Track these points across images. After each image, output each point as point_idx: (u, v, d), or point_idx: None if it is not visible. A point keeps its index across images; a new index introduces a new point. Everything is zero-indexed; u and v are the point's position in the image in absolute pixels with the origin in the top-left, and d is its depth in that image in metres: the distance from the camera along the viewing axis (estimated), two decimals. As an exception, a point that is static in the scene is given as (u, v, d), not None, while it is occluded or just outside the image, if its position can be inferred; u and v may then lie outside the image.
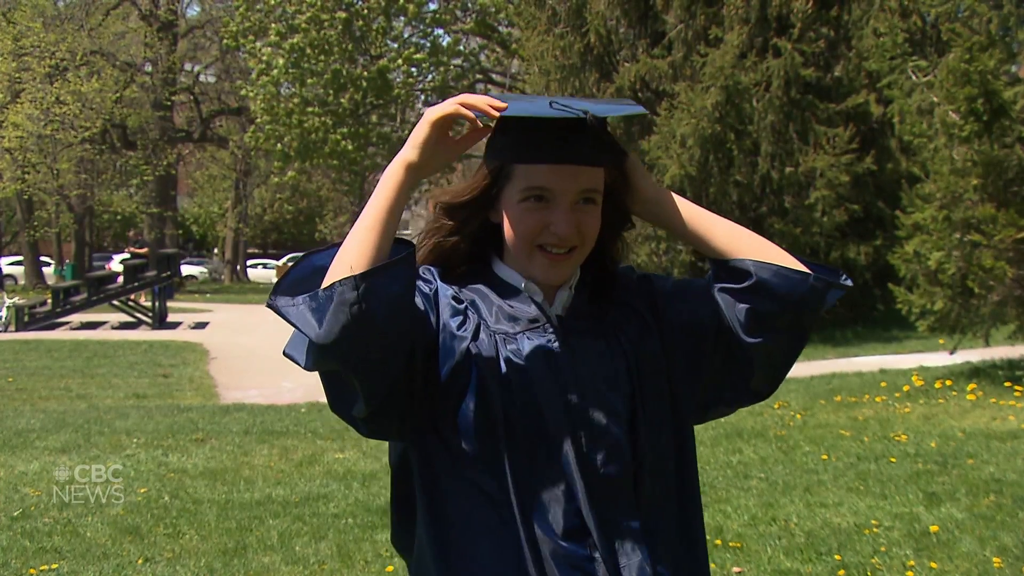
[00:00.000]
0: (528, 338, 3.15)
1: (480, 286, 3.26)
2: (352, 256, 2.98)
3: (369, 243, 3.02)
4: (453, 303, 3.21)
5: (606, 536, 3.06)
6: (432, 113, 3.01)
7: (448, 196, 3.33)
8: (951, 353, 20.22)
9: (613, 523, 3.08)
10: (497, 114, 2.95)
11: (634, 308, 3.34)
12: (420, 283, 3.21)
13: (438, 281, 3.26)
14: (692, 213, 3.44)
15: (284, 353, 3.28)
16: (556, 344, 3.16)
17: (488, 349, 3.13)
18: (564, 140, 3.16)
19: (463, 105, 2.98)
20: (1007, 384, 18.08)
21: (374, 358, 3.01)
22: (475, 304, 3.22)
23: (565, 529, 3.05)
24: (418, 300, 3.16)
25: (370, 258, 2.97)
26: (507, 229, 3.22)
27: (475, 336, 3.14)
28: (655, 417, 3.25)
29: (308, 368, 3.14)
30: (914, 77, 20.67)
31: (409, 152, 3.02)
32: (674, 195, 3.46)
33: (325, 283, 2.96)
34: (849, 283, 3.55)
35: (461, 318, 3.18)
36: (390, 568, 10.21)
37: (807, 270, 3.46)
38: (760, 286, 3.38)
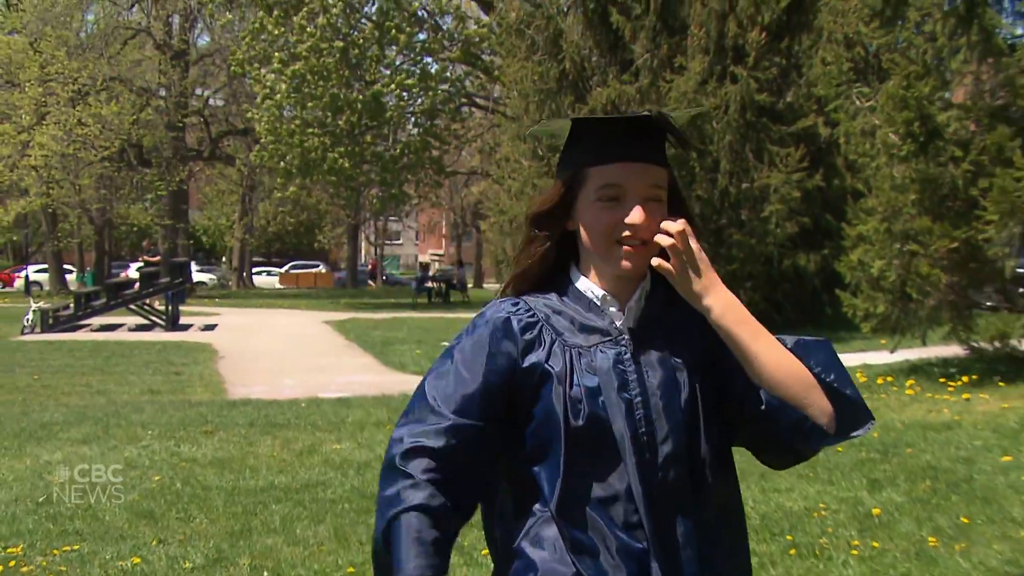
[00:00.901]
0: (601, 351, 3.13)
1: (554, 299, 3.25)
2: None
3: None
4: (525, 334, 3.19)
5: (661, 535, 3.05)
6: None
7: (535, 207, 3.31)
8: (891, 352, 20.25)
9: (669, 524, 3.07)
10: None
11: (699, 323, 3.22)
12: (488, 343, 3.20)
13: (508, 313, 3.23)
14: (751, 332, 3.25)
15: None
16: (628, 355, 3.13)
17: (562, 364, 3.11)
18: (631, 140, 3.16)
19: None
20: (941, 380, 18.13)
21: None
22: (549, 320, 3.20)
23: (623, 523, 3.04)
24: (498, 364, 3.16)
25: None
26: (584, 232, 3.20)
27: (549, 356, 3.13)
28: (711, 426, 3.22)
29: None
30: (858, 102, 20.74)
31: None
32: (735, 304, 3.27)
33: None
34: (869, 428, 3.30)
35: (535, 345, 3.17)
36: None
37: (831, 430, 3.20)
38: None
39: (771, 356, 3.20)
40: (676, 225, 3.12)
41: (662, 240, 3.13)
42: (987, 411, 15.75)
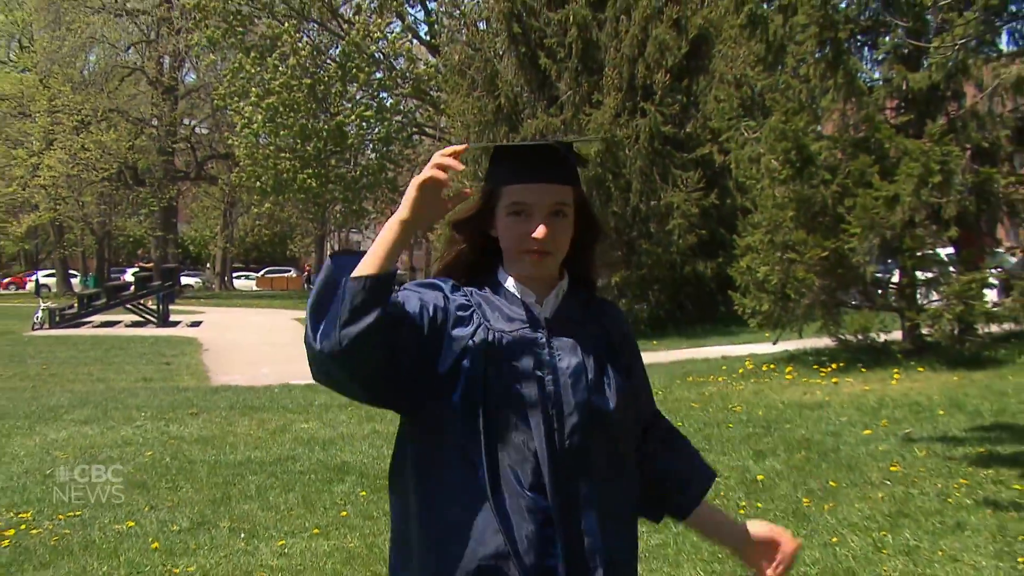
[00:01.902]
0: (519, 334, 3.17)
1: (488, 292, 3.26)
2: (361, 266, 2.97)
3: (377, 263, 2.97)
4: (459, 311, 3.19)
5: (563, 496, 3.06)
6: (417, 179, 2.98)
7: (456, 215, 3.34)
8: (774, 344, 20.35)
9: (572, 487, 3.09)
10: (461, 167, 3.05)
11: (609, 330, 3.34)
12: (430, 291, 3.23)
13: (448, 290, 3.25)
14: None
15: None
16: (543, 340, 3.17)
17: (484, 345, 3.13)
18: (537, 164, 3.19)
19: (437, 167, 2.97)
20: (815, 367, 18.27)
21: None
22: (480, 307, 3.22)
23: (530, 484, 3.05)
24: (421, 301, 3.17)
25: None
26: (501, 242, 3.24)
27: (474, 335, 3.14)
28: (605, 412, 3.21)
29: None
30: (745, 134, 20.88)
31: (402, 211, 3.00)
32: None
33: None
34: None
35: (466, 321, 3.18)
36: (344, 513, 10.23)
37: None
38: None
39: None
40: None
41: None
42: (851, 392, 15.86)
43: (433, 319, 3.16)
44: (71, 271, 79.65)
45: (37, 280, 75.91)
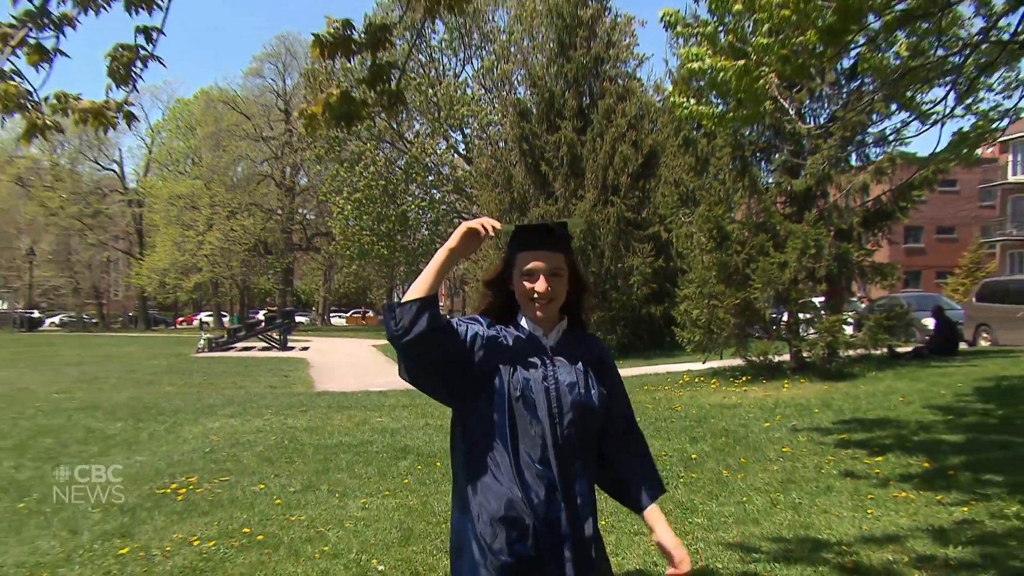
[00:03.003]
0: (532, 358, 3.30)
1: (512, 329, 3.36)
2: (412, 292, 3.17)
3: (424, 289, 3.17)
4: (491, 339, 3.32)
5: (563, 468, 3.22)
6: (467, 224, 3.19)
7: (486, 276, 3.51)
8: (703, 363, 20.33)
9: (570, 462, 3.24)
10: (493, 230, 3.21)
11: (593, 357, 3.44)
12: (474, 324, 3.36)
13: (484, 326, 3.36)
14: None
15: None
16: (548, 361, 3.31)
17: (510, 363, 3.27)
18: (541, 240, 3.34)
19: (482, 224, 3.17)
20: (731, 379, 18.15)
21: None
22: (507, 338, 3.33)
23: (539, 459, 3.20)
24: (465, 326, 3.34)
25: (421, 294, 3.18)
26: (517, 294, 3.36)
27: (501, 356, 3.27)
28: (596, 420, 3.35)
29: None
30: (682, 218, 21.00)
31: (452, 241, 3.17)
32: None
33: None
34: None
35: (498, 348, 3.30)
36: (406, 481, 10.19)
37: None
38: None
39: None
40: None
41: None
42: (755, 397, 15.78)
43: (474, 340, 3.31)
44: (222, 312, 79.91)
45: (200, 319, 76.33)
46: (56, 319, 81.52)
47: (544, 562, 3.18)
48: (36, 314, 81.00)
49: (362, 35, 5.98)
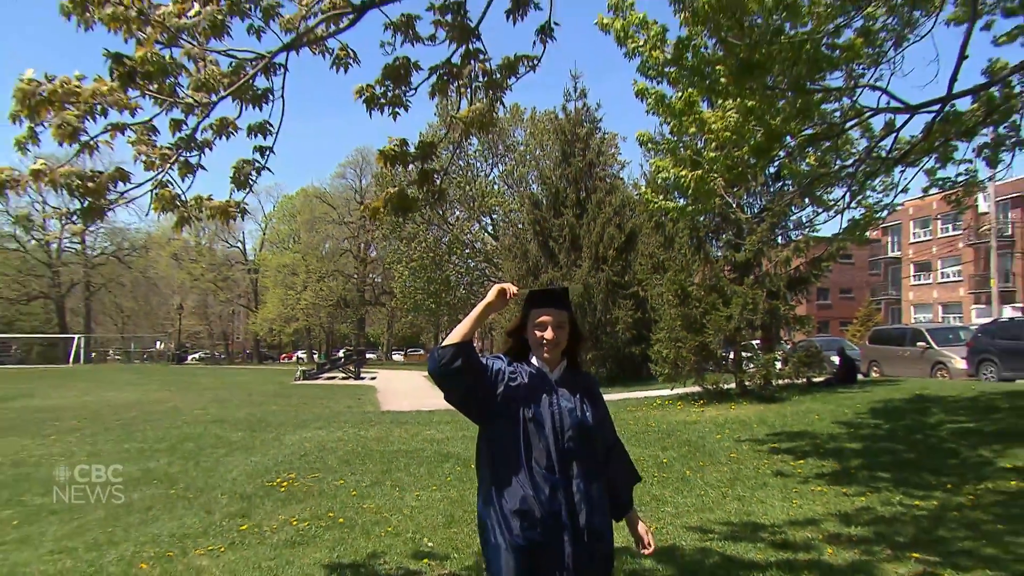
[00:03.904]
0: (541, 389, 3.32)
1: (525, 365, 3.39)
2: (452, 338, 3.24)
3: (462, 335, 3.23)
4: (511, 373, 3.35)
5: (565, 475, 3.22)
6: (498, 285, 3.25)
7: (508, 327, 3.52)
8: (671, 390, 20.13)
9: (570, 469, 3.24)
10: (515, 292, 3.30)
11: (587, 388, 3.45)
12: (499, 360, 3.41)
13: (505, 363, 3.39)
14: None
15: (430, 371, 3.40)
16: (553, 391, 3.33)
17: (525, 393, 3.29)
18: (549, 300, 3.41)
19: (507, 287, 3.25)
20: (692, 403, 17.94)
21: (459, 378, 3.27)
22: (522, 374, 3.35)
23: (546, 466, 3.21)
24: (492, 363, 3.38)
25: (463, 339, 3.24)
26: (530, 340, 3.41)
27: (519, 388, 3.30)
28: (592, 440, 3.37)
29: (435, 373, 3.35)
30: (655, 282, 20.95)
31: (488, 298, 3.23)
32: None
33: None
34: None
35: (515, 380, 3.32)
36: (449, 479, 10.15)
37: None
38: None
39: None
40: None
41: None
42: (710, 416, 15.66)
43: (498, 374, 3.35)
44: (313, 351, 79.80)
45: (297, 356, 76.37)
46: (197, 355, 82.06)
47: (549, 544, 3.18)
48: (182, 352, 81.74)
49: (415, 149, 6.09)
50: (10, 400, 23.75)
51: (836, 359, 20.97)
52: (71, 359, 62.44)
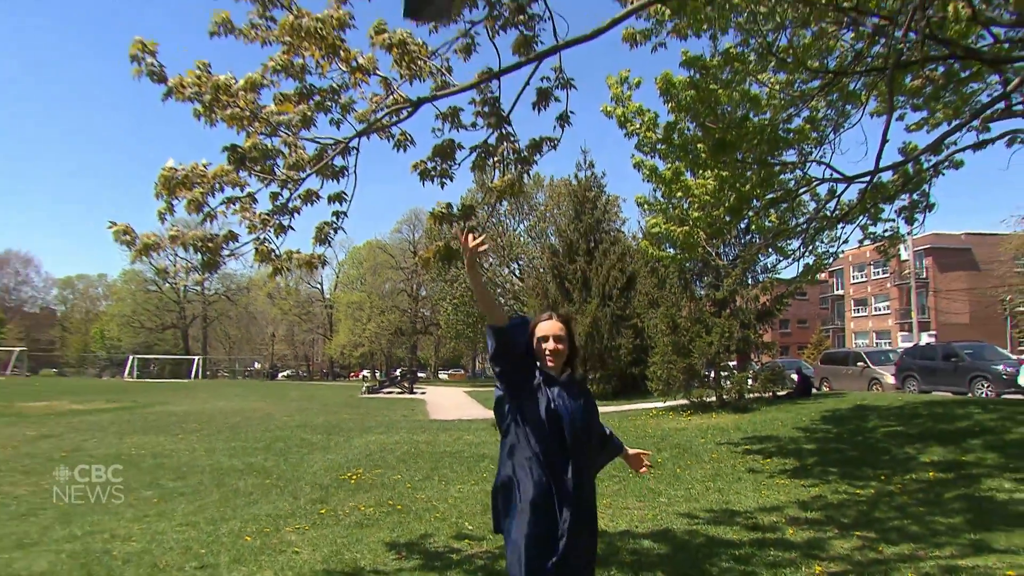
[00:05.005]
0: (554, 390, 3.13)
1: (539, 372, 3.21)
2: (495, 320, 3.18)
3: (496, 317, 3.19)
4: (536, 374, 3.19)
5: (573, 460, 3.06)
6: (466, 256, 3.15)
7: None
8: (664, 403, 19.96)
9: (576, 456, 3.08)
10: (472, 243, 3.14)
11: (584, 392, 3.26)
12: (530, 357, 3.25)
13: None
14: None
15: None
16: (562, 393, 3.15)
17: (542, 391, 3.12)
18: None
19: (467, 248, 3.12)
20: (681, 413, 17.70)
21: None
22: (537, 375, 3.18)
23: (556, 454, 3.06)
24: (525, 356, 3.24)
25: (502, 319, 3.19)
26: (536, 353, 3.24)
27: (539, 384, 3.14)
28: (593, 431, 3.26)
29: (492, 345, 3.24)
30: (651, 315, 20.89)
31: (468, 269, 3.19)
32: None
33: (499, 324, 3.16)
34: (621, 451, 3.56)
35: (537, 379, 3.16)
36: (484, 475, 10.11)
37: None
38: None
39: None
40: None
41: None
42: (696, 423, 15.56)
43: (531, 361, 3.24)
44: (376, 370, 79.83)
45: (363, 375, 76.46)
46: (285, 373, 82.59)
47: (555, 515, 3.04)
48: (274, 371, 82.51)
49: (459, 211, 6.20)
50: (150, 406, 24.03)
51: (795, 376, 20.85)
52: (192, 375, 65.48)
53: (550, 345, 3.25)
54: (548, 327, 3.30)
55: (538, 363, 3.28)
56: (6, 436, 14.47)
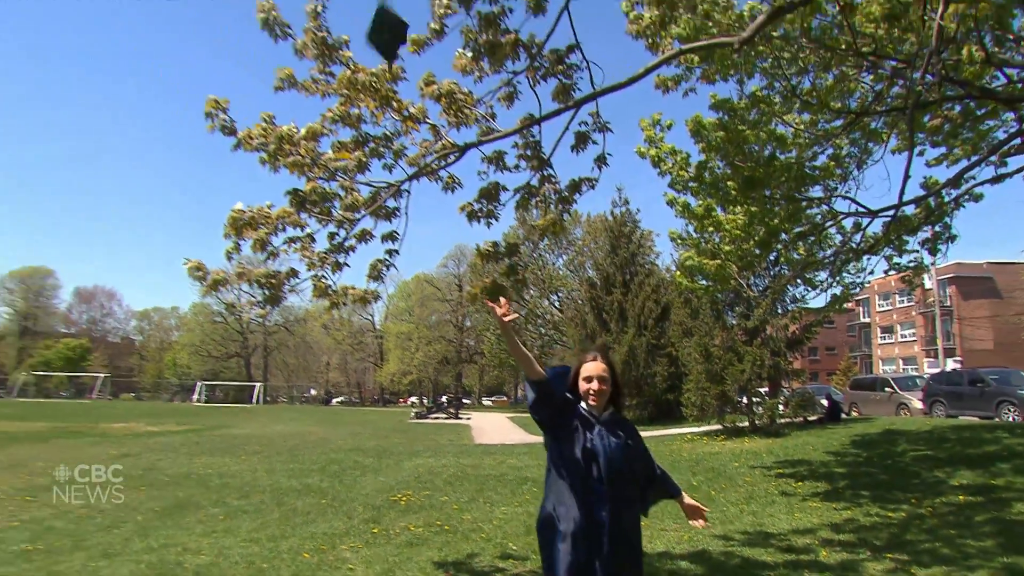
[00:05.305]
0: (594, 429, 3.12)
1: (582, 410, 3.17)
2: (532, 375, 3.14)
3: (536, 373, 3.14)
4: (575, 408, 3.17)
5: (611, 492, 3.02)
6: (495, 311, 3.15)
7: (569, 383, 3.30)
8: (699, 427, 19.73)
9: (614, 490, 3.04)
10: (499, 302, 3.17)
11: (628, 429, 3.23)
12: (567, 393, 3.23)
13: (573, 399, 3.20)
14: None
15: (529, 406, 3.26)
16: (602, 431, 3.12)
17: (580, 432, 3.10)
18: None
19: (494, 307, 3.15)
20: (715, 437, 17.43)
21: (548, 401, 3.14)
22: (581, 411, 3.16)
23: (595, 488, 3.02)
24: (564, 395, 3.22)
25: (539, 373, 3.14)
26: (580, 390, 3.21)
27: (577, 423, 3.12)
28: (634, 469, 3.18)
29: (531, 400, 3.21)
30: (685, 344, 20.64)
31: (504, 331, 3.13)
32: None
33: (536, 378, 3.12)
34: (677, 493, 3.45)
35: (578, 414, 3.15)
36: (527, 497, 10.04)
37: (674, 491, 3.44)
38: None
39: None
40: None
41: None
42: (730, 448, 15.27)
43: (569, 404, 3.22)
44: (423, 396, 79.82)
45: (412, 401, 76.64)
46: (339, 399, 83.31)
47: (594, 553, 3.01)
48: (328, 397, 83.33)
49: (504, 248, 6.24)
50: (216, 429, 24.35)
51: (825, 402, 20.41)
52: (254, 400, 66.59)
53: (594, 386, 3.21)
54: (592, 368, 3.26)
55: (581, 401, 3.26)
56: (92, 455, 14.84)
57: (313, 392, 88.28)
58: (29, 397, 63.77)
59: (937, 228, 10.11)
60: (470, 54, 5.45)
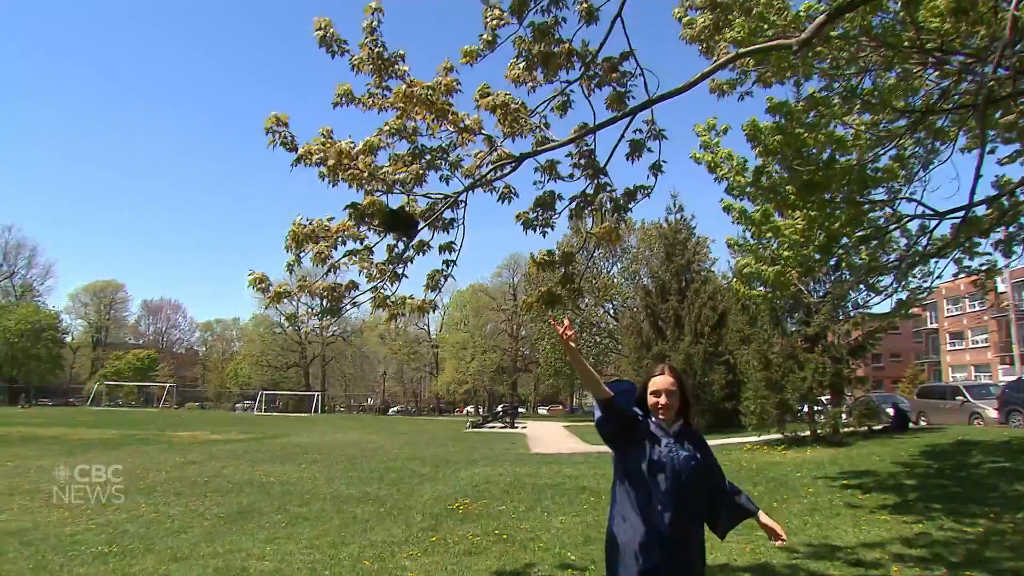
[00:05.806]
0: (662, 442, 3.13)
1: (652, 423, 3.19)
2: (599, 393, 3.17)
3: (602, 392, 3.17)
4: (643, 422, 3.18)
5: (679, 511, 3.05)
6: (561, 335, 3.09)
7: (637, 397, 3.33)
8: (759, 437, 19.28)
9: (684, 508, 3.06)
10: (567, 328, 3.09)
11: (697, 442, 3.23)
12: (634, 407, 3.24)
13: (641, 413, 3.21)
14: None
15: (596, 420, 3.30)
16: (672, 443, 3.13)
17: (650, 444, 3.12)
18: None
19: (560, 329, 3.06)
20: (776, 447, 17.03)
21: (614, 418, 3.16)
22: (650, 425, 3.18)
23: (664, 503, 3.03)
24: (631, 409, 3.23)
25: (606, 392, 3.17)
26: (649, 404, 3.22)
27: (646, 436, 3.13)
28: (702, 482, 3.18)
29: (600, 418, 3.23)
30: (743, 352, 20.27)
31: (569, 351, 3.11)
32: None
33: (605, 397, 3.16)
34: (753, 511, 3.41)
35: (646, 428, 3.16)
36: (585, 506, 9.96)
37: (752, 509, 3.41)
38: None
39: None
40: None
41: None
42: (792, 458, 14.90)
43: (636, 419, 3.22)
44: (479, 405, 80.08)
45: (468, 409, 77.01)
46: (395, 409, 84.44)
47: (659, 567, 3.01)
48: (385, 406, 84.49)
49: (559, 258, 6.24)
50: (276, 438, 24.83)
51: (891, 411, 19.76)
52: (313, 410, 67.94)
53: (662, 400, 3.23)
54: (660, 382, 3.28)
55: (651, 415, 3.26)
56: (160, 462, 15.35)
57: (370, 402, 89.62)
58: (101, 406, 66.56)
59: (1011, 229, 9.69)
60: (523, 64, 5.48)
